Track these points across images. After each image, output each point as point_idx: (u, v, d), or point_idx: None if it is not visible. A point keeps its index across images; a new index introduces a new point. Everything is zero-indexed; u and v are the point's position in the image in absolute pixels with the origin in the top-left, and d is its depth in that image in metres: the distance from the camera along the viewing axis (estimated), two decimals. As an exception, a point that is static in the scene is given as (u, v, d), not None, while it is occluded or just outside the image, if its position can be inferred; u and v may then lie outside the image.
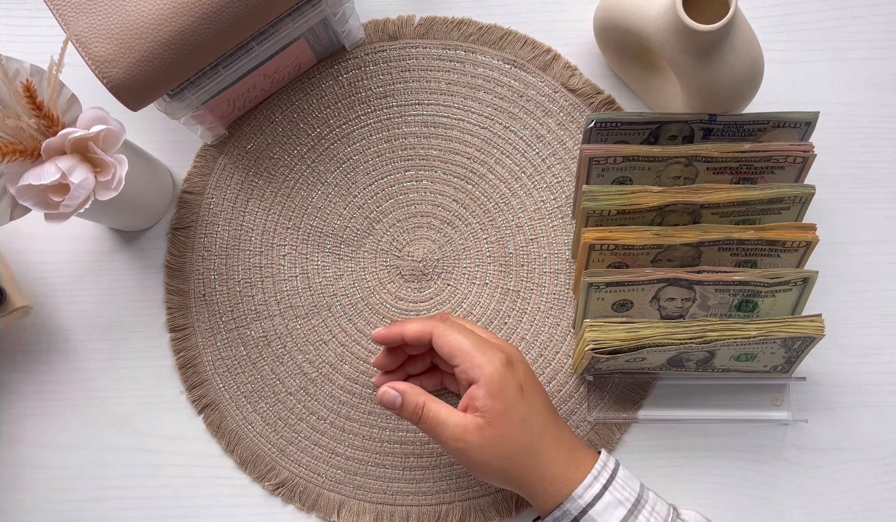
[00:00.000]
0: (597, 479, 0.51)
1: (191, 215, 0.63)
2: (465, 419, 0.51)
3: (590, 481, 0.51)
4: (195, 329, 0.63)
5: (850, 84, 0.64)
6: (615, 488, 0.51)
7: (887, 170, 0.63)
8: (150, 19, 0.50)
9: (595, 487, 0.50)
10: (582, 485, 0.50)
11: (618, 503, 0.50)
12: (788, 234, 0.54)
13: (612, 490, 0.51)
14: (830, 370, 0.61)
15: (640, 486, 0.52)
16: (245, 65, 0.55)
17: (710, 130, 0.57)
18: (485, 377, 0.51)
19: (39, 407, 0.62)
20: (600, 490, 0.50)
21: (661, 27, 0.51)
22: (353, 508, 0.61)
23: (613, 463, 0.53)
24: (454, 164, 0.64)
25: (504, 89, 0.64)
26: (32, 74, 0.50)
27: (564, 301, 0.62)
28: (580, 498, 0.50)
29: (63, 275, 0.63)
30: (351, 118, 0.64)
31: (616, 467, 0.52)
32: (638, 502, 0.51)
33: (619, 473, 0.52)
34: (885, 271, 0.62)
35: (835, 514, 0.60)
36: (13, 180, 0.51)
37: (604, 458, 0.52)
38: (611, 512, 0.50)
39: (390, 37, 0.65)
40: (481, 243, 0.63)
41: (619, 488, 0.51)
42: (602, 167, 0.56)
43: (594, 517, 0.50)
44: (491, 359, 0.52)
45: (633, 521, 0.50)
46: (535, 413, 0.52)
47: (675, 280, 0.54)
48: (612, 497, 0.50)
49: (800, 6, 0.65)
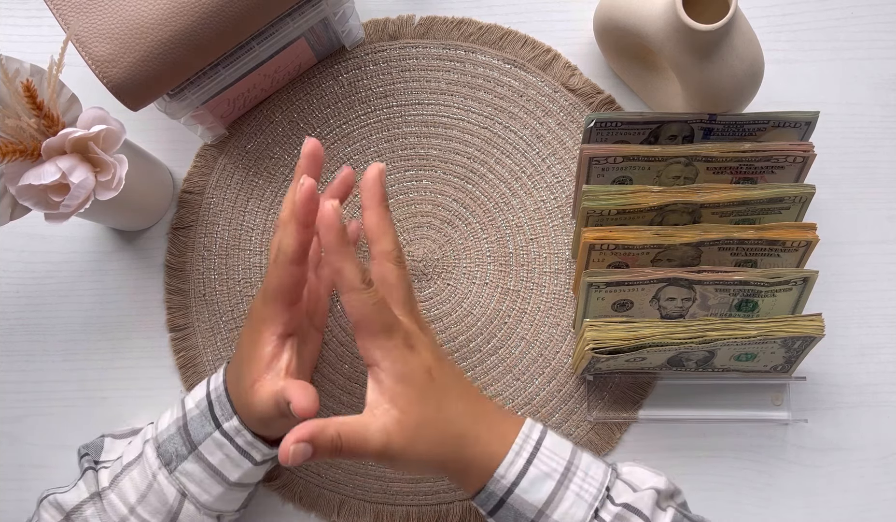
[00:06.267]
0: (519, 454, 0.48)
1: (191, 214, 0.63)
2: (382, 421, 0.46)
3: (511, 457, 0.48)
4: (195, 329, 0.63)
5: (850, 84, 0.64)
6: (541, 460, 0.48)
7: (887, 170, 0.63)
8: (150, 19, 0.50)
9: (518, 463, 0.48)
10: (504, 463, 0.48)
11: (545, 476, 0.47)
12: (788, 234, 0.54)
13: (536, 463, 0.48)
14: (830, 370, 0.61)
15: (570, 452, 0.49)
16: (245, 65, 0.55)
17: (710, 129, 0.57)
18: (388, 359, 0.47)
19: (39, 407, 0.62)
20: (524, 465, 0.48)
21: (661, 27, 0.51)
22: (353, 508, 0.61)
23: (538, 432, 0.49)
24: (454, 164, 0.64)
25: (504, 89, 0.64)
26: (32, 73, 0.50)
27: (564, 301, 0.62)
28: (503, 478, 0.48)
29: (63, 275, 0.63)
30: (351, 118, 0.64)
31: (542, 436, 0.49)
32: (567, 470, 0.48)
33: (545, 441, 0.49)
34: (885, 271, 0.62)
35: (835, 514, 0.60)
36: (13, 180, 0.51)
37: (526, 429, 0.49)
38: (538, 487, 0.47)
39: (390, 37, 0.65)
40: (481, 242, 0.63)
41: (546, 459, 0.48)
42: (602, 167, 0.57)
43: (521, 495, 0.47)
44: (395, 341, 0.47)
45: (564, 492, 0.47)
46: (450, 396, 0.48)
47: (675, 280, 0.54)
48: (538, 470, 0.48)
49: (800, 6, 0.65)
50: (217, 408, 0.52)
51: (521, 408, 0.61)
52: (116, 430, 0.58)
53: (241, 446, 0.51)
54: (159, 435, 0.52)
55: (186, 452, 0.51)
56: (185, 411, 0.53)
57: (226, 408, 0.51)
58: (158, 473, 0.51)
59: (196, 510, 0.51)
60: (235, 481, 0.52)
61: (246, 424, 0.51)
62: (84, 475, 0.53)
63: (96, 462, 0.55)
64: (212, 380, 0.53)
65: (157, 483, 0.51)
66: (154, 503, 0.51)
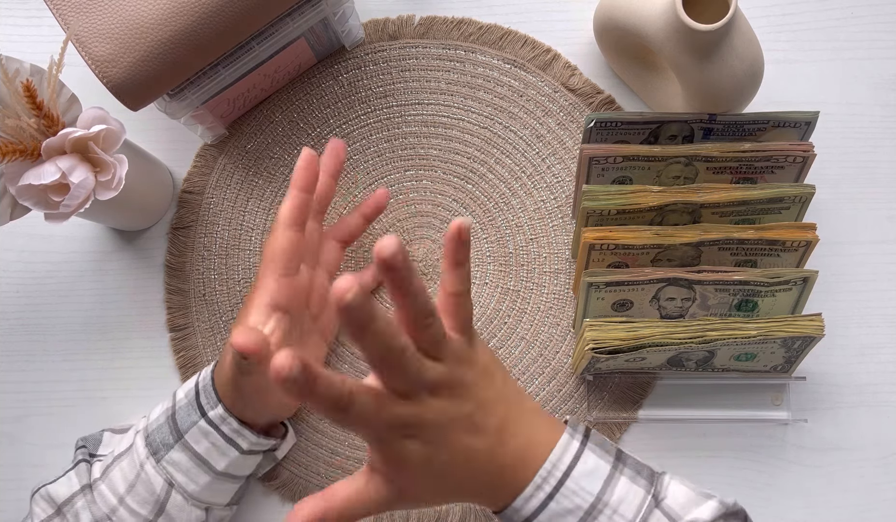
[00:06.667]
0: (540, 488, 0.44)
1: (191, 214, 0.63)
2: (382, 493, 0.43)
3: (531, 490, 0.44)
4: (195, 329, 0.63)
5: (850, 84, 0.64)
6: (563, 495, 0.44)
7: (887, 170, 0.63)
8: (150, 19, 0.50)
9: (539, 496, 0.44)
10: (522, 496, 0.44)
11: (566, 512, 0.44)
12: (788, 233, 0.54)
13: (559, 497, 0.44)
14: (830, 370, 0.61)
15: (603, 482, 0.45)
16: (245, 64, 0.55)
17: (710, 129, 0.57)
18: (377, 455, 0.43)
19: (39, 407, 0.62)
20: (544, 499, 0.44)
21: (661, 27, 0.51)
22: (353, 508, 0.61)
23: (570, 456, 0.45)
24: (454, 164, 0.64)
25: (504, 89, 0.64)
26: (32, 73, 0.50)
27: (564, 301, 0.62)
28: (521, 510, 0.44)
29: (63, 275, 0.63)
30: (351, 118, 0.64)
31: (573, 461, 0.45)
32: (593, 508, 0.44)
33: (576, 469, 0.45)
34: (885, 271, 0.62)
35: (835, 514, 0.60)
36: (13, 180, 0.51)
37: (555, 455, 0.45)
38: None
39: (390, 37, 0.65)
40: (481, 242, 0.63)
41: (570, 494, 0.44)
42: (602, 167, 0.56)
43: None
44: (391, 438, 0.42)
45: None
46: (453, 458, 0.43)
47: (675, 280, 0.54)
48: (560, 506, 0.44)
49: (800, 6, 0.65)
50: (203, 397, 0.52)
51: (521, 408, 0.61)
52: (117, 425, 0.58)
53: (226, 434, 0.51)
54: (149, 426, 0.52)
55: (173, 441, 0.51)
56: (175, 401, 0.53)
57: (211, 397, 0.51)
58: (146, 463, 0.51)
59: (184, 500, 0.51)
60: (222, 470, 0.51)
61: (231, 411, 0.51)
62: (76, 467, 0.53)
63: (92, 455, 0.55)
64: (202, 372, 0.54)
65: (145, 472, 0.51)
66: (142, 493, 0.51)
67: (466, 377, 0.44)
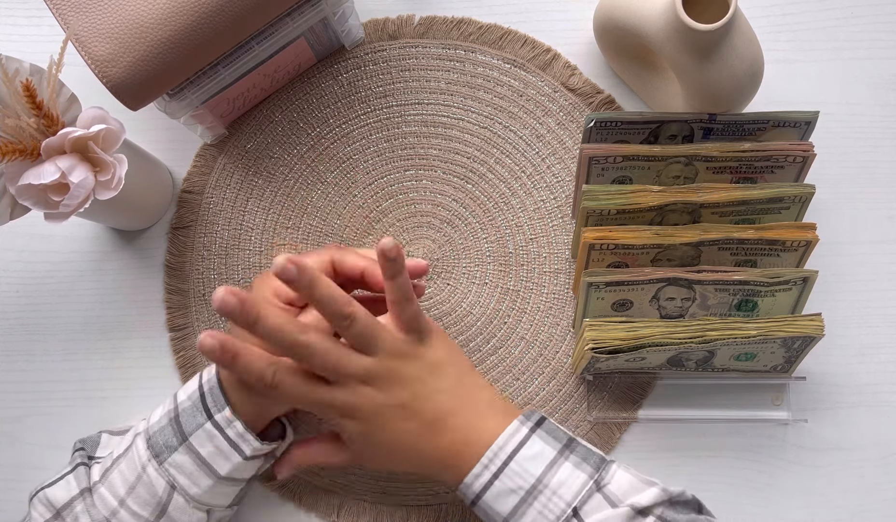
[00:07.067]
0: (487, 467, 0.49)
1: (190, 214, 0.63)
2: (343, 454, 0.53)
3: (479, 470, 0.49)
4: (195, 329, 0.63)
5: (850, 84, 0.64)
6: (507, 476, 0.49)
7: (887, 170, 0.63)
8: (150, 19, 0.50)
9: (485, 476, 0.49)
10: (471, 474, 0.50)
11: (509, 491, 0.49)
12: (788, 233, 0.54)
13: (502, 477, 0.49)
14: (830, 370, 0.61)
15: (545, 466, 0.49)
16: (245, 64, 0.55)
17: (710, 129, 0.57)
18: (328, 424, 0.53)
19: (39, 407, 0.62)
20: (490, 478, 0.49)
21: (660, 27, 0.51)
22: (353, 508, 0.61)
23: (516, 442, 0.50)
24: (454, 163, 0.64)
25: (504, 89, 0.64)
26: (32, 73, 0.50)
27: (564, 301, 0.62)
28: (470, 487, 0.50)
29: (63, 275, 0.63)
30: (351, 118, 0.64)
31: (518, 446, 0.50)
32: (534, 488, 0.49)
33: (520, 453, 0.50)
34: (885, 271, 0.62)
35: (835, 514, 0.60)
36: (13, 180, 0.51)
37: (501, 439, 0.50)
38: (503, 500, 0.49)
39: (390, 36, 0.65)
40: (481, 242, 0.63)
41: (514, 475, 0.49)
42: (602, 167, 0.56)
43: (488, 502, 0.49)
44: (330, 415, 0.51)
45: (527, 508, 0.48)
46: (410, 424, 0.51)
47: (674, 280, 0.54)
48: (503, 485, 0.49)
49: (800, 6, 0.65)
50: (209, 399, 0.52)
51: (521, 408, 0.61)
52: (114, 427, 0.58)
53: (231, 438, 0.51)
54: (150, 428, 0.52)
55: (177, 443, 0.51)
56: (176, 403, 0.53)
57: (218, 399, 0.51)
58: (148, 465, 0.51)
59: (185, 502, 0.51)
60: (225, 474, 0.52)
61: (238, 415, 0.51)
62: (75, 470, 0.53)
63: (90, 457, 0.55)
64: (204, 373, 0.54)
65: (147, 475, 0.51)
66: (143, 495, 0.51)
67: (403, 370, 0.50)
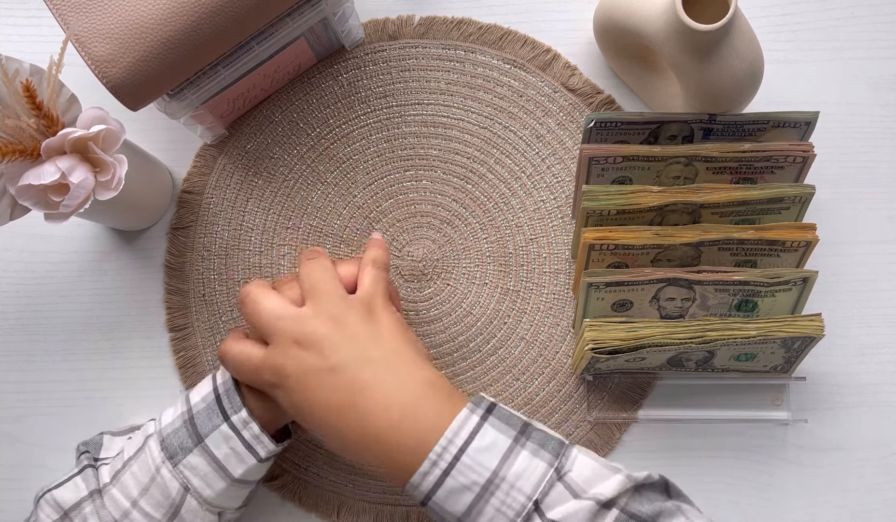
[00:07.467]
0: (436, 464, 0.45)
1: (190, 214, 0.63)
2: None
3: (427, 467, 0.45)
4: (195, 329, 0.63)
5: (850, 84, 0.64)
6: (459, 471, 0.45)
7: (887, 170, 0.63)
8: (150, 19, 0.50)
9: (434, 473, 0.45)
10: (419, 472, 0.45)
11: (463, 488, 0.45)
12: (788, 234, 0.54)
13: (454, 474, 0.45)
14: (830, 370, 0.61)
15: (500, 458, 0.45)
16: (245, 64, 0.55)
17: (710, 129, 0.57)
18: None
19: (39, 407, 0.62)
20: (440, 475, 0.45)
21: (660, 27, 0.51)
22: (353, 508, 0.61)
23: (466, 433, 0.46)
24: (454, 164, 0.64)
25: (504, 89, 0.64)
26: (32, 73, 0.50)
27: (564, 301, 0.62)
28: (419, 487, 0.46)
29: (63, 275, 0.63)
30: (351, 118, 0.64)
31: (470, 437, 0.45)
32: (490, 483, 0.44)
33: (472, 445, 0.45)
34: (885, 271, 0.62)
35: (835, 514, 0.60)
36: (13, 180, 0.51)
37: (451, 432, 0.46)
38: (455, 499, 0.45)
39: (390, 37, 0.65)
40: (481, 243, 0.63)
41: (466, 470, 0.45)
42: (602, 167, 0.56)
43: (439, 503, 0.45)
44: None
45: (484, 506, 0.44)
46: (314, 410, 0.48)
47: (674, 280, 0.54)
48: (456, 481, 0.45)
49: (800, 6, 0.65)
50: (226, 401, 0.52)
51: (521, 408, 0.61)
52: (115, 428, 0.58)
53: (247, 440, 0.51)
54: (163, 430, 0.52)
55: (192, 445, 0.51)
56: (190, 405, 0.53)
57: (235, 401, 0.52)
58: (162, 466, 0.51)
59: (198, 504, 0.51)
60: (239, 477, 0.52)
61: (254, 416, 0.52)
62: (83, 472, 0.53)
63: (95, 459, 0.55)
64: (218, 376, 0.54)
65: (161, 476, 0.51)
66: (157, 496, 0.51)
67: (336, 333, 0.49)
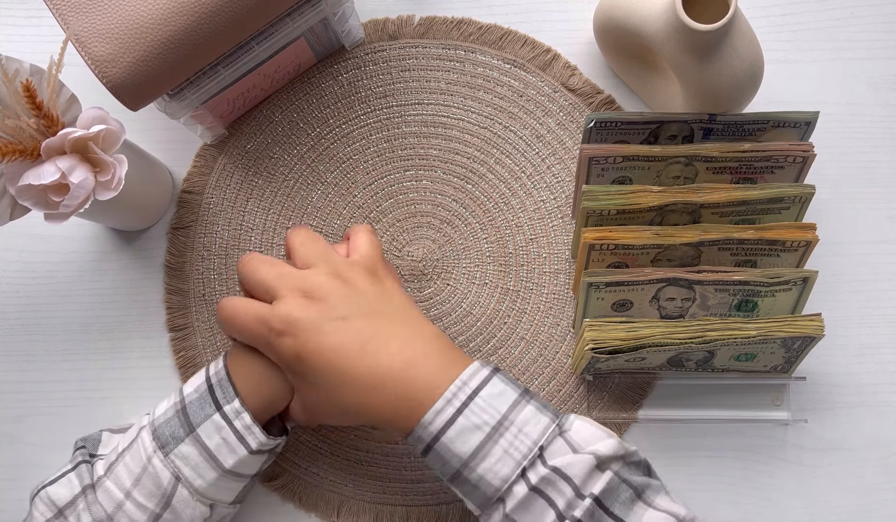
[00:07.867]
0: (450, 402, 0.47)
1: (190, 214, 0.63)
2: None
3: (441, 404, 0.47)
4: (195, 329, 0.63)
5: (850, 84, 0.64)
6: (472, 411, 0.47)
7: (887, 170, 0.63)
8: (150, 19, 0.50)
9: (448, 411, 0.47)
10: (432, 410, 0.47)
11: (474, 427, 0.47)
12: (788, 234, 0.54)
13: (467, 413, 0.47)
14: (830, 370, 0.61)
15: (510, 404, 0.48)
16: (245, 65, 0.55)
17: (710, 129, 0.57)
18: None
19: (39, 407, 0.62)
20: (453, 413, 0.47)
21: (660, 27, 0.51)
22: (353, 508, 0.61)
23: (479, 380, 0.48)
24: (454, 164, 0.64)
25: (504, 89, 0.64)
26: (32, 73, 0.50)
27: (564, 301, 0.62)
28: (430, 425, 0.47)
29: (63, 275, 0.63)
30: (351, 118, 0.64)
31: (482, 383, 0.48)
32: (500, 424, 0.47)
33: (483, 390, 0.48)
34: (885, 271, 0.62)
35: (835, 514, 0.60)
36: (13, 180, 0.51)
37: (465, 375, 0.48)
38: (465, 438, 0.47)
39: (390, 37, 0.65)
40: (481, 242, 0.63)
41: (479, 410, 0.47)
42: (602, 167, 0.56)
43: (447, 444, 0.47)
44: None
45: (492, 447, 0.47)
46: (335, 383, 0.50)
47: (674, 280, 0.54)
48: (468, 421, 0.47)
49: (800, 6, 0.65)
50: (218, 391, 0.52)
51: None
52: (115, 425, 0.58)
53: (238, 430, 0.51)
54: (155, 420, 0.53)
55: (184, 434, 0.51)
56: (183, 396, 0.53)
57: (227, 390, 0.52)
58: (153, 456, 0.51)
59: (189, 495, 0.51)
60: (230, 468, 0.52)
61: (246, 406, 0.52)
62: (77, 468, 0.53)
63: (92, 455, 0.55)
64: (211, 366, 0.54)
65: (152, 466, 0.51)
66: (149, 486, 0.51)
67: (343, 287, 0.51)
